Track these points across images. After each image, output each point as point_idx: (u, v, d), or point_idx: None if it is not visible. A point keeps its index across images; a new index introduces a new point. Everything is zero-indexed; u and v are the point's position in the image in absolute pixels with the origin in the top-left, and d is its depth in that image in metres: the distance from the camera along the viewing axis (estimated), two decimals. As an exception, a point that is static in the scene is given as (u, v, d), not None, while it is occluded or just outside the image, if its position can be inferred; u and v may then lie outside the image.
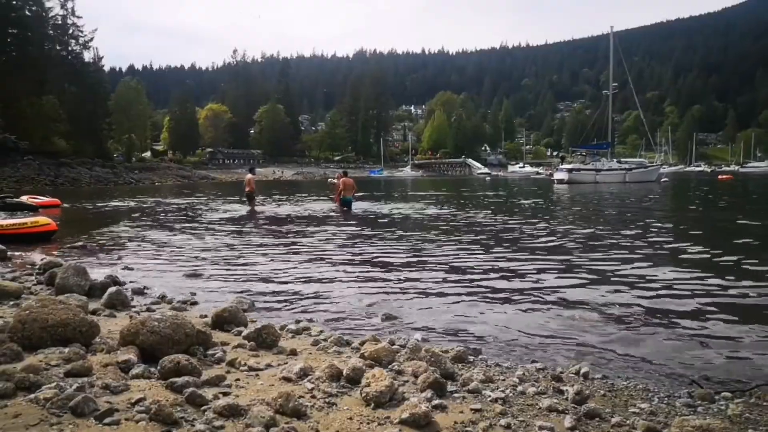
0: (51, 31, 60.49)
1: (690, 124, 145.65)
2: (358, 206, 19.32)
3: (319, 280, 6.96)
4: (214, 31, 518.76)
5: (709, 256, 8.66)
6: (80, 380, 2.84)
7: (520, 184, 52.88)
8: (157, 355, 3.30)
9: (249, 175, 18.98)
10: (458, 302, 5.79)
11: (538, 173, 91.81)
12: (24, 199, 19.58)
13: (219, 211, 18.99)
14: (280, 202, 23.42)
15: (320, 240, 11.04)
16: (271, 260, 8.58)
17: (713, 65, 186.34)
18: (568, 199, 27.00)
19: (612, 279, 6.93)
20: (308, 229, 13.25)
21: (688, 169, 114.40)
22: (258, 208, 18.80)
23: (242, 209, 19.35)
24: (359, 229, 13.28)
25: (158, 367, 3.10)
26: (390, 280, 6.95)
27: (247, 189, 18.80)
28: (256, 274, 7.40)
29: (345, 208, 17.96)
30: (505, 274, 7.34)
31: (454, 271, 7.51)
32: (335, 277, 7.17)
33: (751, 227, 13.36)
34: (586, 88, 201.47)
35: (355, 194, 19.03)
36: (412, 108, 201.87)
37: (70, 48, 62.46)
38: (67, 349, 3.34)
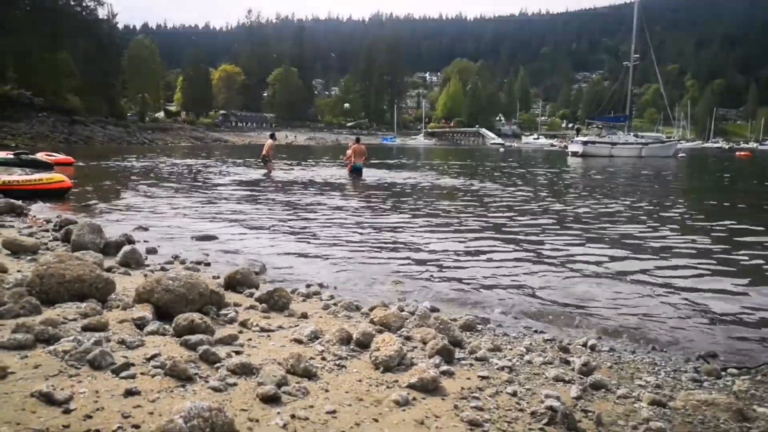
0: (65, -14, 59.84)
1: (710, 99, 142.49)
2: (370, 174, 19.27)
3: (330, 246, 7.01)
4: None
5: (720, 234, 8.59)
6: (97, 335, 2.90)
7: (534, 155, 52.42)
8: (172, 313, 3.36)
9: (269, 141, 19.00)
10: (467, 272, 5.82)
11: (552, 145, 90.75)
12: (39, 156, 19.71)
13: (233, 174, 19.04)
14: (293, 168, 23.42)
15: (331, 206, 11.07)
16: (283, 225, 8.65)
17: (737, 37, 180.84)
18: (582, 172, 26.77)
19: (621, 255, 6.91)
20: (320, 195, 13.29)
21: (706, 145, 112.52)
22: (272, 173, 18.82)
23: (256, 173, 19.39)
24: (370, 197, 13.30)
25: (173, 325, 3.17)
26: (400, 249, 6.98)
27: (263, 153, 18.86)
28: (267, 238, 7.47)
29: (354, 175, 17.82)
30: (514, 246, 7.35)
31: (464, 242, 7.53)
32: (345, 243, 7.22)
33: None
34: (605, 59, 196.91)
35: (366, 161, 18.74)
36: (427, 75, 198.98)
37: (84, 4, 61.76)
38: (84, 305, 3.41)
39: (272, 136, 19.81)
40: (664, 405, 2.71)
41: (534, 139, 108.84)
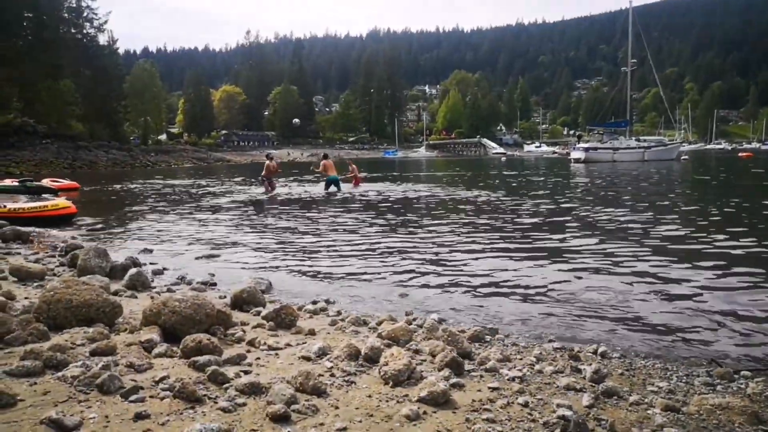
0: (66, 15, 60.72)
1: (710, 102, 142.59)
2: (373, 188, 19.37)
3: (336, 262, 7.00)
4: (225, 11, 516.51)
5: (727, 236, 8.53)
6: (105, 359, 2.90)
7: (536, 164, 52.42)
8: (179, 334, 3.36)
9: (267, 161, 19.07)
10: (474, 282, 5.79)
11: (554, 152, 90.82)
12: (44, 182, 19.85)
13: (236, 194, 19.12)
14: (295, 185, 23.48)
15: (335, 222, 11.08)
16: (288, 242, 8.65)
17: (735, 40, 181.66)
18: (584, 179, 26.73)
19: (628, 260, 6.87)
20: (323, 211, 13.30)
21: (708, 146, 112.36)
22: (274, 192, 18.82)
23: (259, 192, 19.45)
24: (373, 211, 13.30)
25: (180, 346, 3.16)
26: (405, 262, 6.96)
27: (263, 173, 18.94)
28: (273, 256, 7.46)
29: (332, 187, 18.00)
30: (520, 255, 7.32)
31: (470, 252, 7.50)
32: (351, 258, 7.21)
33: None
34: (603, 65, 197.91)
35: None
36: (426, 87, 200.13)
37: (84, 31, 62.70)
38: (91, 329, 3.41)
39: (268, 156, 19.86)
40: (677, 410, 2.68)
41: (536, 147, 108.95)
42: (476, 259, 7.03)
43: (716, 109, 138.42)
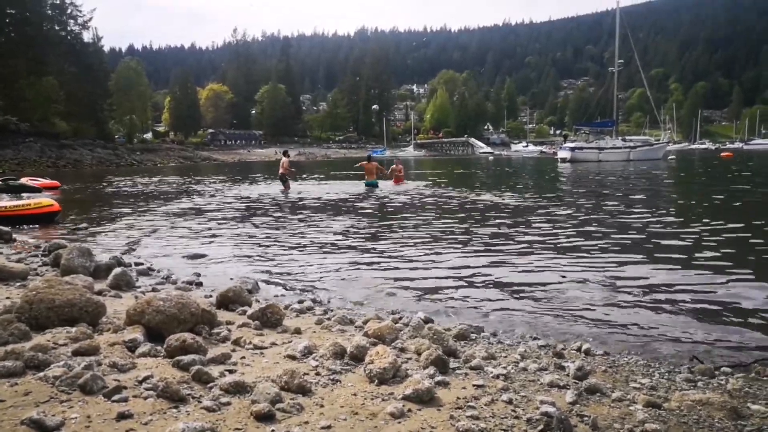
0: (49, 11, 59.78)
1: (694, 101, 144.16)
2: (360, 188, 19.39)
3: (323, 261, 7.00)
4: (212, 8, 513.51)
5: (708, 234, 8.64)
6: (88, 359, 2.87)
7: (523, 163, 52.70)
8: (163, 334, 3.33)
9: (283, 158, 19.11)
10: (460, 282, 5.82)
11: (541, 152, 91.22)
12: (23, 181, 19.58)
13: (222, 193, 19.00)
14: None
15: (322, 222, 11.07)
16: (275, 241, 8.62)
17: (720, 41, 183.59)
18: (569, 178, 26.92)
19: (611, 257, 6.94)
20: (310, 211, 13.28)
21: (693, 146, 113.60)
22: (289, 190, 18.63)
23: (246, 191, 19.36)
24: (362, 211, 13.30)
25: (164, 346, 3.14)
26: (392, 261, 6.98)
27: (280, 171, 18.93)
28: (259, 256, 7.44)
29: (368, 189, 18.54)
30: (505, 254, 7.36)
31: (455, 252, 7.54)
32: (338, 258, 7.21)
33: (751, 204, 13.33)
34: (590, 66, 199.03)
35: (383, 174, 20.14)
36: (414, 87, 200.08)
37: (68, 28, 61.80)
38: (74, 329, 3.37)
39: (285, 153, 19.92)
40: (659, 406, 2.71)
41: (523, 146, 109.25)
42: (462, 258, 7.06)
43: (700, 109, 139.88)
